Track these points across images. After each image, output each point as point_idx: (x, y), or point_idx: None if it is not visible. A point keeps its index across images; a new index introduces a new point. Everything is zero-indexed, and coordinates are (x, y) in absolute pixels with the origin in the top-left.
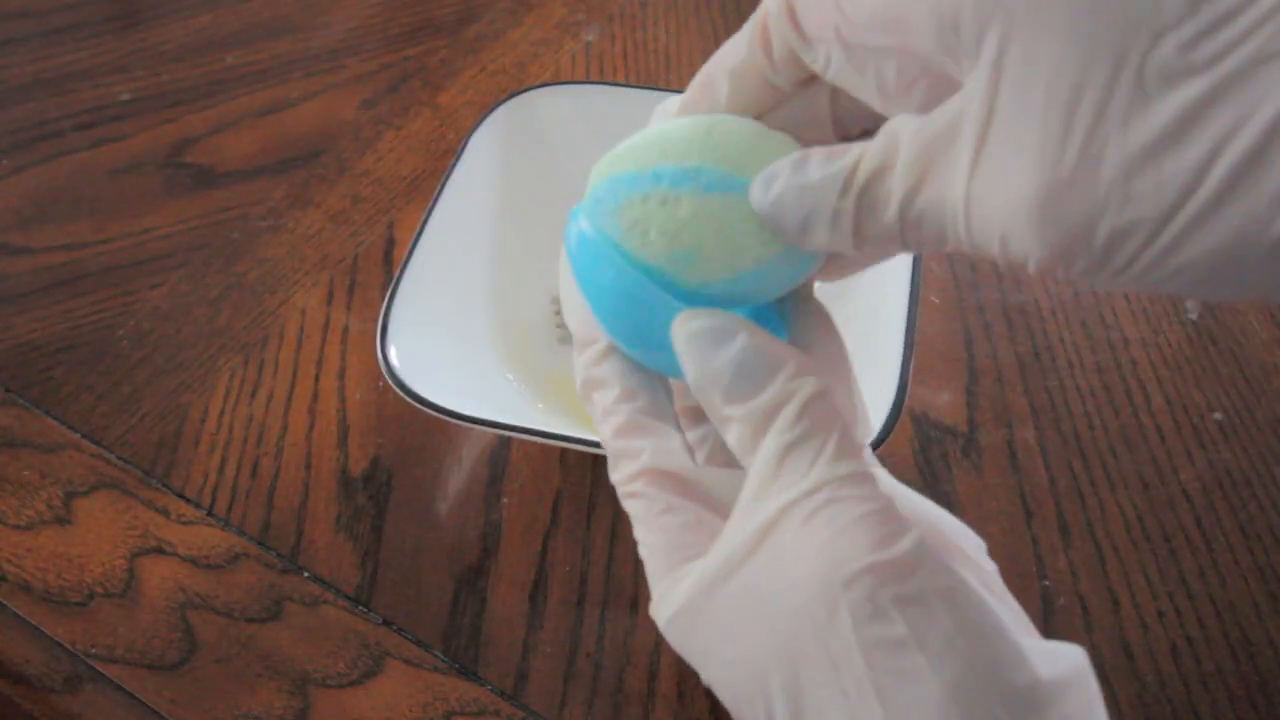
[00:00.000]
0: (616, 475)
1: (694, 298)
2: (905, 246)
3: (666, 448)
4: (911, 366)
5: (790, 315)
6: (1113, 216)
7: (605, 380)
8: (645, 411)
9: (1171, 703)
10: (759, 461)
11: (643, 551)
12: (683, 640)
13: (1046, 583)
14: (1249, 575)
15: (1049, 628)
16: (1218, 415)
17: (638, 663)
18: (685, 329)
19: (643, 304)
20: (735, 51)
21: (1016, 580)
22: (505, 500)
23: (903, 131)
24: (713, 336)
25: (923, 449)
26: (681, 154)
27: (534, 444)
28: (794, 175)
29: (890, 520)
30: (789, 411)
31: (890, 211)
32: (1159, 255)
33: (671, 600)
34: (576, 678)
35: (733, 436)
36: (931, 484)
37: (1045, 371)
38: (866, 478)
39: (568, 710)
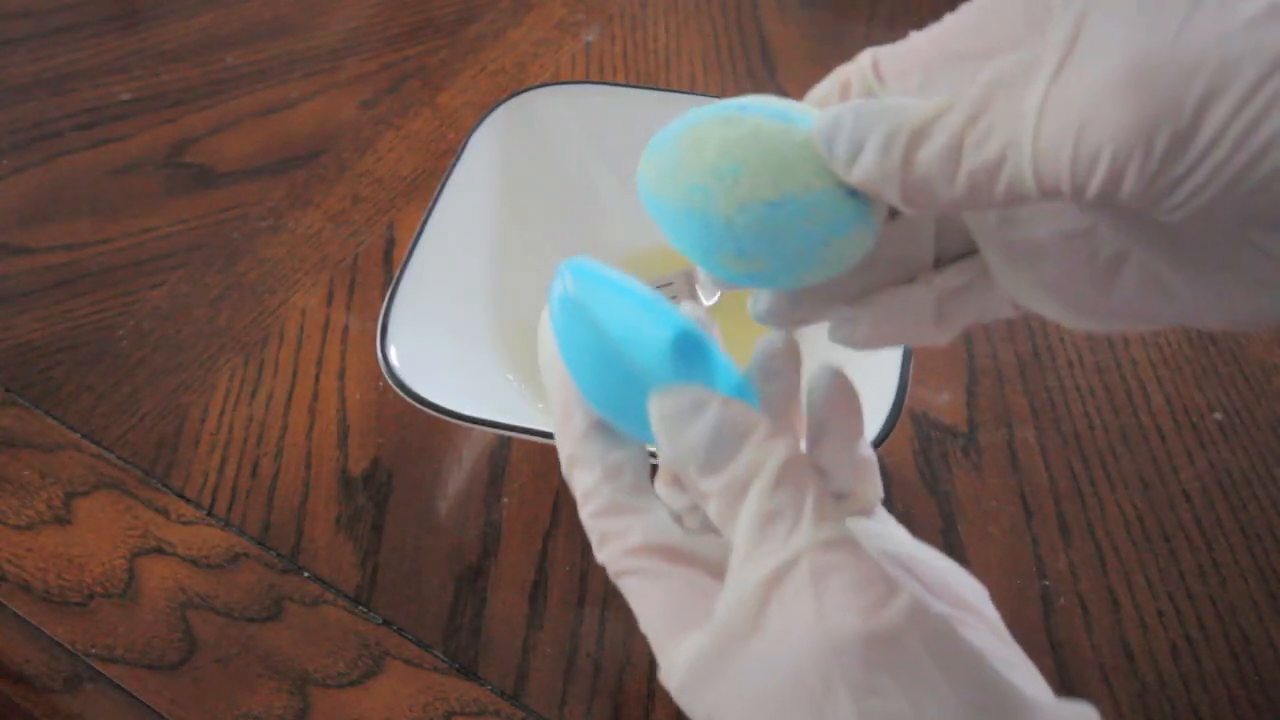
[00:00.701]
0: (604, 554)
1: (725, 235)
2: (954, 185)
3: (654, 523)
4: (911, 366)
5: (804, 375)
6: (1208, 76)
7: (587, 460)
8: (630, 489)
9: (1171, 703)
10: (740, 533)
11: (643, 625)
12: (691, 709)
13: (1046, 583)
14: (1249, 575)
15: (1049, 628)
16: (1218, 415)
17: (638, 663)
18: (658, 409)
19: (621, 373)
20: (811, 99)
21: (1016, 580)
22: (505, 500)
23: (977, 76)
24: (684, 413)
25: (923, 449)
26: (763, 101)
27: (534, 444)
28: (858, 101)
29: (877, 584)
30: (763, 481)
31: (947, 136)
32: (1249, 124)
33: (676, 671)
34: (576, 678)
35: (713, 510)
36: (931, 484)
37: (1045, 371)
38: (847, 541)
39: (568, 710)
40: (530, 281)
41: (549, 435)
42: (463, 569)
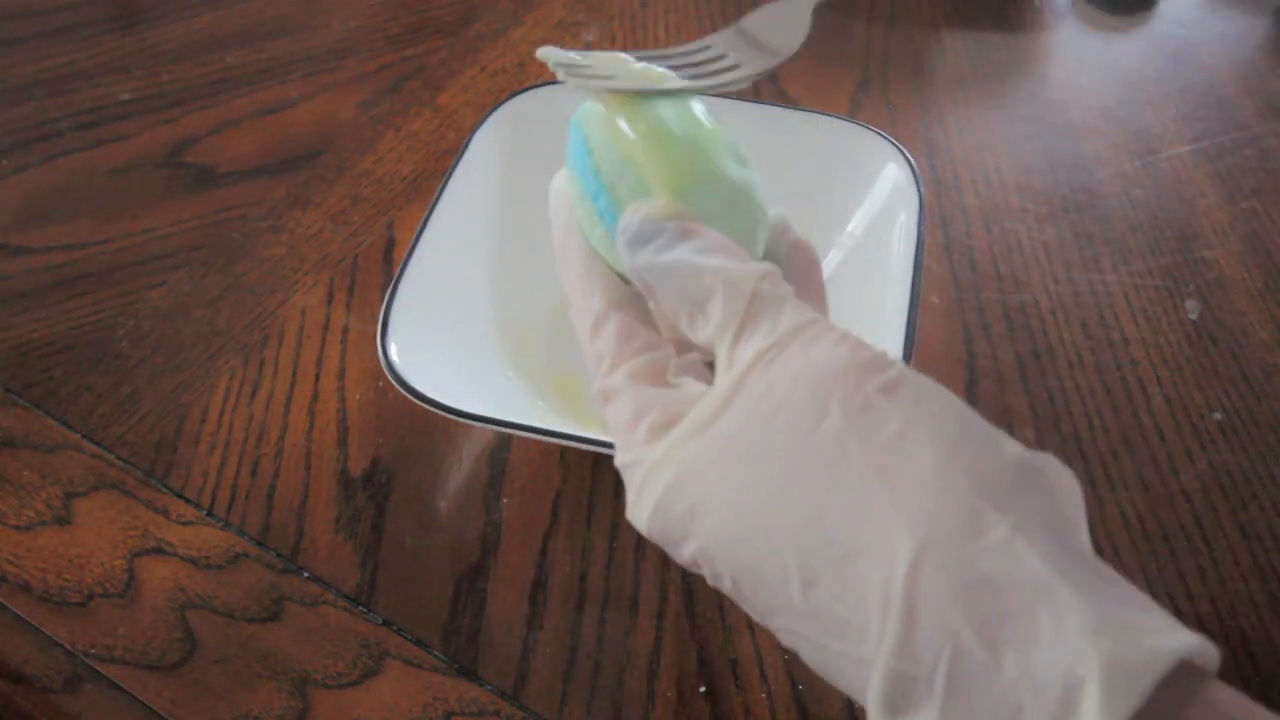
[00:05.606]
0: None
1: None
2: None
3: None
4: (911, 367)
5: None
6: None
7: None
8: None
9: None
10: (723, 322)
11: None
12: (667, 504)
13: None
14: (1249, 575)
15: None
16: (1218, 415)
17: (637, 663)
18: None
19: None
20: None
21: None
22: (505, 500)
23: None
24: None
25: None
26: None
27: (534, 444)
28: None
29: (862, 341)
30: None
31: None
32: None
33: (656, 462)
34: (576, 678)
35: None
36: None
37: (1045, 371)
38: (826, 323)
39: (568, 710)
40: (531, 281)
41: (549, 434)
42: (463, 569)
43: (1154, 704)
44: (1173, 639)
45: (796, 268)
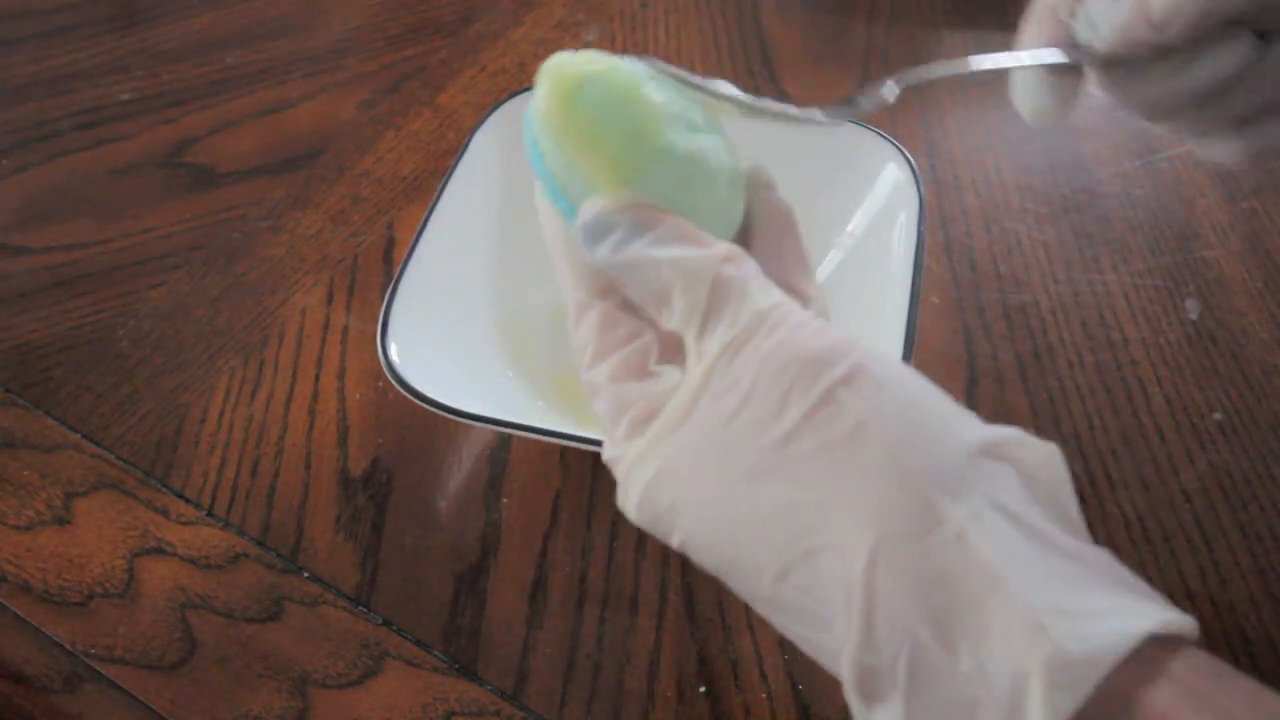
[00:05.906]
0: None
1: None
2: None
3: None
4: (911, 367)
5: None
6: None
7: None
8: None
9: None
10: (689, 310)
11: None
12: (650, 499)
13: None
14: (1249, 575)
15: None
16: (1218, 415)
17: (637, 663)
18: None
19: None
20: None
21: None
22: (505, 500)
23: None
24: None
25: None
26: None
27: (533, 444)
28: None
29: (827, 328)
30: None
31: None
32: None
33: (636, 458)
34: (576, 678)
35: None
36: None
37: (1045, 371)
38: (788, 307)
39: (567, 710)
40: (531, 281)
41: (549, 433)
42: (463, 569)
43: (1106, 688)
44: (1133, 622)
45: (770, 233)
